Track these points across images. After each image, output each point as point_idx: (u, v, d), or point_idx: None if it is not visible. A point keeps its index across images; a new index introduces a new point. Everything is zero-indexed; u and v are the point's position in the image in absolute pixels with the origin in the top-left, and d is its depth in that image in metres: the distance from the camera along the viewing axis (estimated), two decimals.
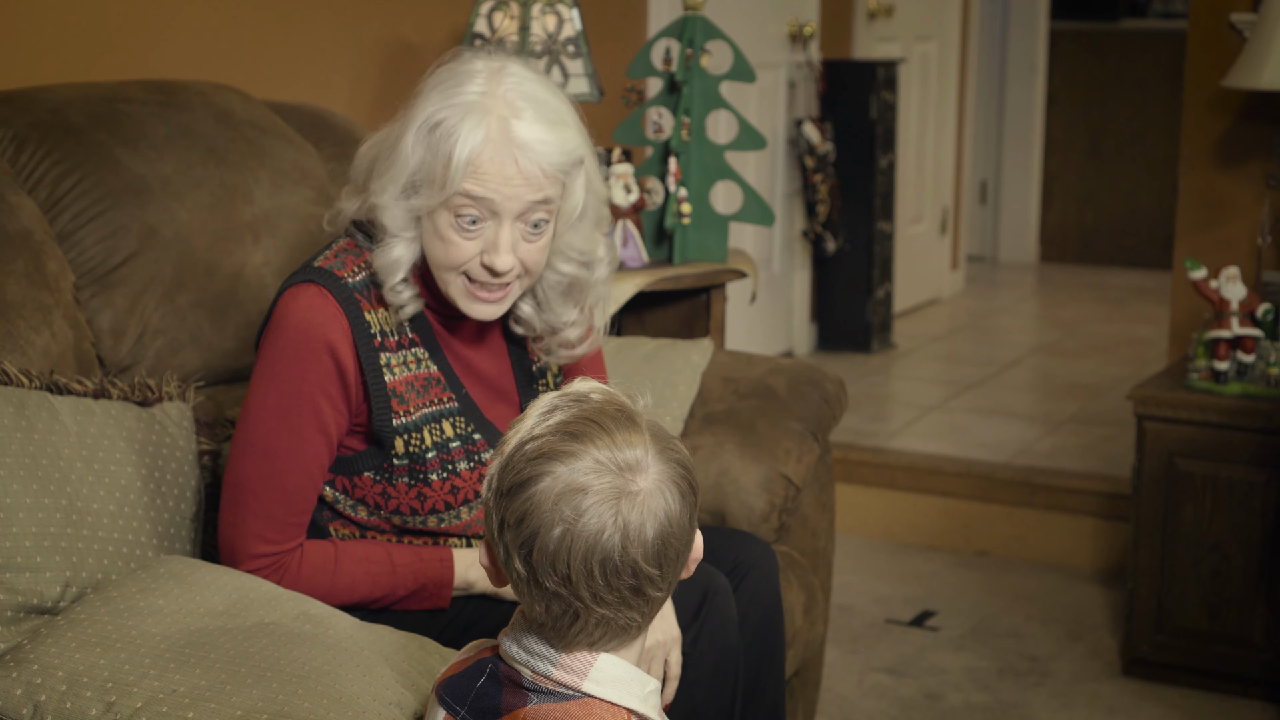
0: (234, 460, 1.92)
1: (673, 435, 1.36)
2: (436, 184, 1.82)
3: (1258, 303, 3.08)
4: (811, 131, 5.06)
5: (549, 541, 1.27)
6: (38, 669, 1.68)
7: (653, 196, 3.16)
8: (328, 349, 1.88)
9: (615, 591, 1.28)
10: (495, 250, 1.84)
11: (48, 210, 2.16)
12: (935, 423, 4.52)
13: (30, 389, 1.95)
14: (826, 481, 2.62)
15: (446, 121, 1.82)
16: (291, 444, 1.89)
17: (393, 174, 1.85)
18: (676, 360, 2.57)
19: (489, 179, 1.81)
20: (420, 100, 1.86)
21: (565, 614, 1.30)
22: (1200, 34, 3.51)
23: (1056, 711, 3.02)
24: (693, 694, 1.88)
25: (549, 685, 1.33)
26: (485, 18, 3.13)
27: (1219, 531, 3.07)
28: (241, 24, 3.00)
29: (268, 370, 1.89)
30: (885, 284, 5.43)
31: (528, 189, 1.82)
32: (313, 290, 1.89)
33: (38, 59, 2.60)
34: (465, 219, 1.83)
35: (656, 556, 1.29)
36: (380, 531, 1.99)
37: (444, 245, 1.85)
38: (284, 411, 1.88)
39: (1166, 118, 6.73)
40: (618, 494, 1.28)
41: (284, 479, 1.90)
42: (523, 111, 1.82)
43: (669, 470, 1.31)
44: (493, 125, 1.81)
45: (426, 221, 1.86)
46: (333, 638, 1.74)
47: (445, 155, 1.81)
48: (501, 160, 1.81)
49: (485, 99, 1.82)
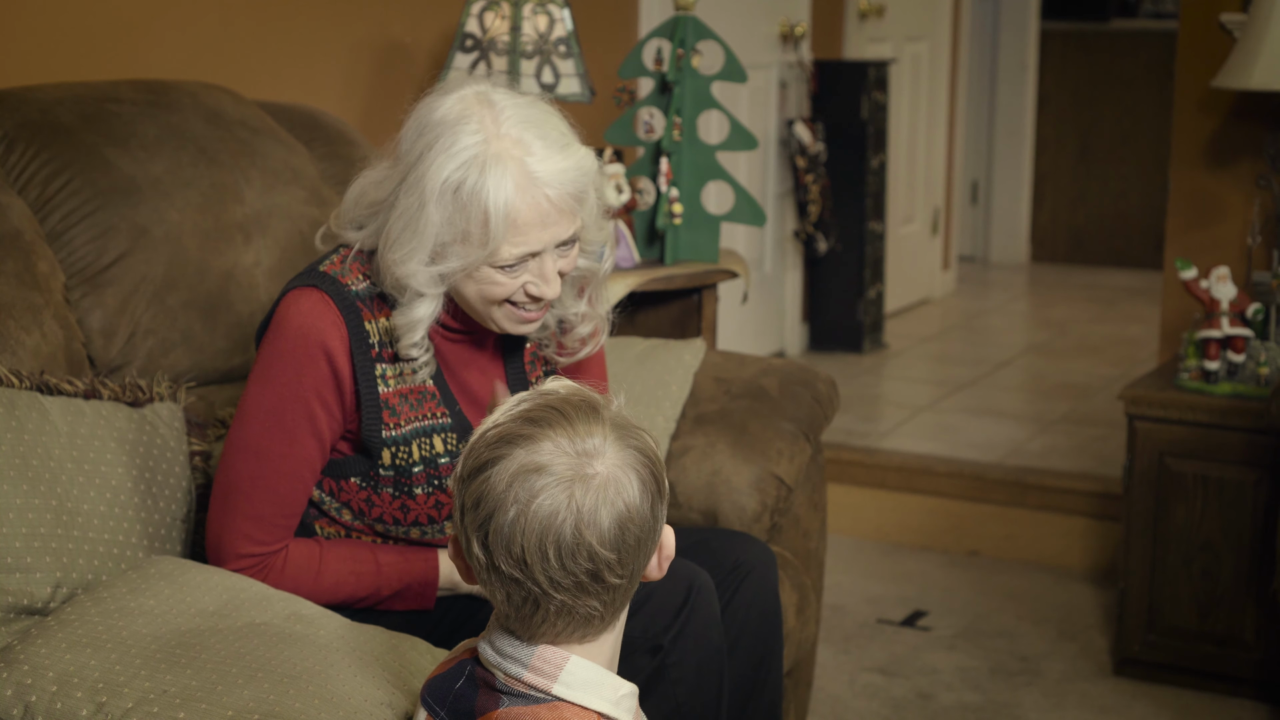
0: (226, 459, 1.92)
1: (640, 428, 1.35)
2: (474, 243, 1.80)
3: (1248, 302, 3.09)
4: (803, 132, 5.07)
5: (503, 523, 1.28)
6: (28, 669, 1.67)
7: (644, 197, 3.16)
8: (325, 354, 1.87)
9: (571, 575, 1.28)
10: (544, 282, 1.85)
11: (38, 210, 2.16)
12: (927, 423, 4.53)
13: (20, 389, 1.95)
14: (818, 482, 2.62)
15: (468, 180, 1.78)
16: (285, 446, 1.89)
17: (417, 243, 1.82)
18: (669, 360, 2.57)
19: (530, 229, 1.80)
20: (422, 164, 1.81)
21: (526, 602, 1.30)
22: (1190, 34, 3.52)
23: (1048, 711, 3.02)
24: (676, 692, 1.88)
25: (520, 688, 1.33)
26: (476, 18, 3.13)
27: (1210, 531, 3.07)
28: (232, 24, 2.99)
29: (265, 372, 1.90)
30: (877, 284, 5.43)
31: (561, 224, 1.83)
32: (315, 295, 1.88)
33: (27, 59, 2.60)
34: (506, 266, 1.82)
35: (614, 542, 1.29)
36: (362, 534, 1.99)
37: (486, 288, 1.84)
38: (279, 413, 1.88)
39: (1157, 118, 6.74)
40: (573, 477, 1.28)
41: (275, 481, 1.90)
42: (531, 145, 1.80)
43: (628, 456, 1.32)
44: (514, 171, 1.78)
45: (461, 273, 1.84)
46: (324, 638, 1.74)
47: (480, 215, 1.79)
48: (534, 202, 1.80)
49: (491, 143, 1.79)
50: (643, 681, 1.87)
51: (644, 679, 1.87)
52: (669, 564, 1.38)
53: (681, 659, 1.88)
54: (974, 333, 5.86)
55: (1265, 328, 3.11)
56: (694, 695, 1.89)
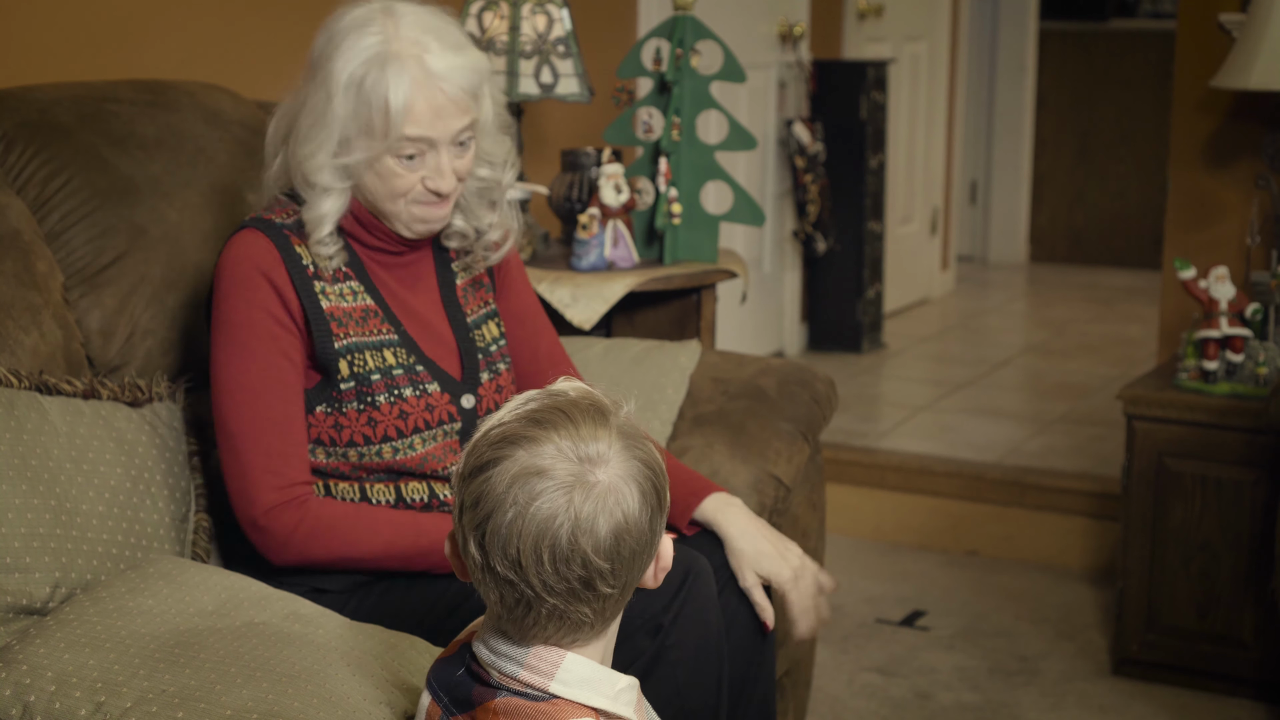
0: (215, 413, 1.98)
1: (647, 438, 1.35)
2: (376, 134, 1.95)
3: (1246, 302, 3.09)
4: (802, 132, 5.07)
5: (501, 524, 1.28)
6: (27, 669, 1.67)
7: (643, 197, 3.16)
8: (264, 277, 1.98)
9: (564, 581, 1.28)
10: (439, 175, 1.99)
11: (36, 210, 2.16)
12: (925, 423, 4.53)
13: (19, 389, 1.95)
14: (817, 482, 2.62)
15: (369, 75, 1.94)
16: (261, 373, 1.96)
17: (324, 135, 1.97)
18: (664, 362, 2.57)
19: (424, 118, 1.95)
20: (327, 62, 1.97)
21: (519, 604, 1.30)
22: (1189, 34, 3.52)
23: (1046, 711, 3.02)
24: (676, 674, 1.88)
25: (516, 686, 1.33)
26: (475, 18, 3.13)
27: (1208, 531, 3.07)
28: (231, 24, 2.99)
29: (219, 317, 1.99)
30: (875, 284, 5.44)
31: (457, 116, 1.97)
32: (243, 234, 2.01)
33: (26, 58, 2.60)
34: (405, 156, 1.97)
35: (609, 551, 1.28)
36: (340, 476, 2.02)
37: (388, 180, 1.98)
38: (242, 344, 1.96)
39: (1156, 118, 6.74)
40: (574, 483, 1.28)
41: (266, 409, 1.96)
42: (428, 45, 1.96)
43: (632, 468, 1.31)
44: (411, 67, 1.94)
45: (363, 167, 1.98)
46: (323, 637, 1.74)
47: (381, 107, 1.94)
48: (430, 96, 1.95)
49: (390, 44, 1.95)
50: (644, 664, 1.88)
51: (645, 661, 1.88)
52: (664, 575, 1.38)
53: (681, 640, 1.89)
54: (973, 333, 5.87)
55: (1264, 328, 3.11)
56: (694, 676, 1.90)
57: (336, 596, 2.00)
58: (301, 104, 2.00)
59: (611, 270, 3.06)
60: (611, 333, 3.26)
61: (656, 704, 1.88)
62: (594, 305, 2.96)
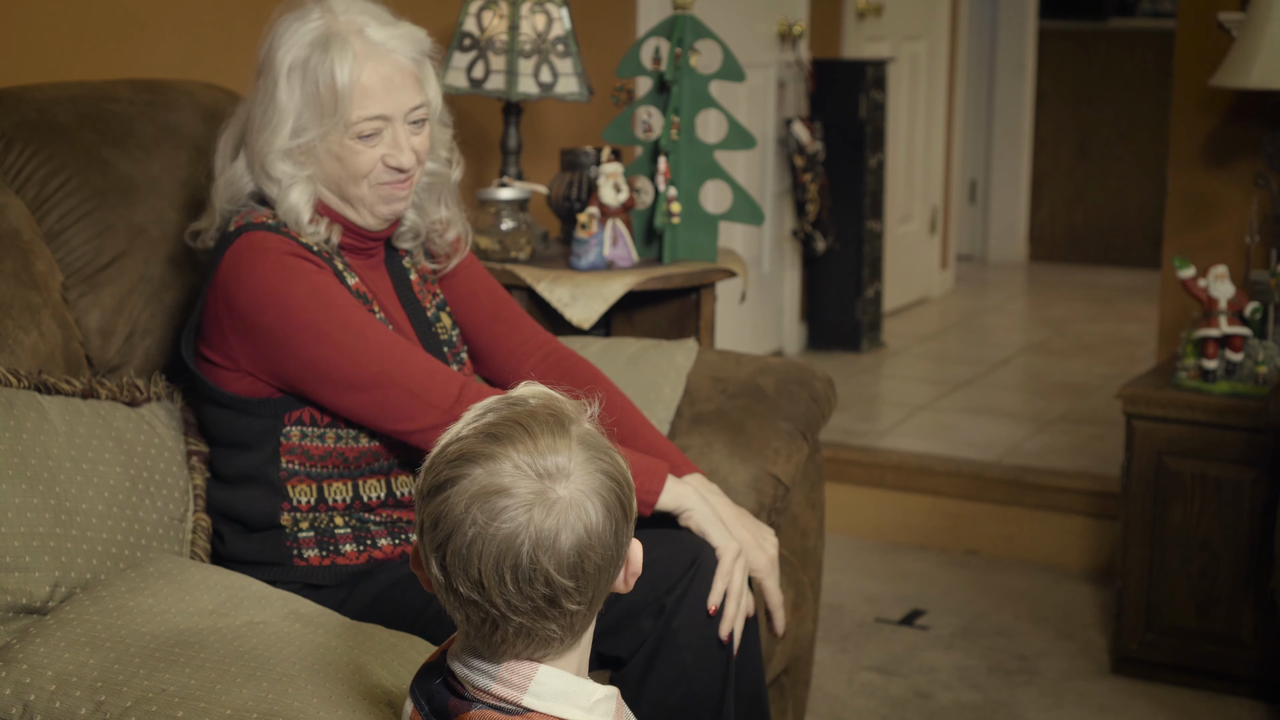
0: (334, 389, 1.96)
1: (610, 447, 1.31)
2: (326, 111, 1.98)
3: (1246, 301, 3.09)
4: (801, 131, 5.07)
5: (461, 545, 1.24)
6: (27, 669, 1.67)
7: (642, 196, 3.16)
8: (300, 258, 1.99)
9: (529, 600, 1.25)
10: (398, 149, 2.01)
11: (35, 209, 2.16)
12: (925, 422, 4.53)
13: (18, 389, 1.95)
14: (816, 481, 2.62)
15: (312, 57, 1.98)
16: (363, 317, 1.98)
17: (276, 121, 2.00)
18: (661, 362, 2.57)
19: (376, 93, 1.98)
20: (270, 55, 2.01)
21: (485, 622, 1.27)
22: (1188, 33, 3.52)
23: (1046, 710, 3.02)
24: (682, 657, 1.88)
25: (490, 700, 1.30)
26: (474, 17, 3.13)
27: (1208, 530, 3.07)
28: (230, 23, 2.99)
29: (282, 308, 1.96)
30: (875, 283, 5.44)
31: (408, 89, 2.01)
32: (247, 237, 2.01)
33: (25, 58, 2.60)
34: (362, 135, 1.99)
35: (572, 569, 1.25)
36: (340, 473, 2.01)
37: (348, 161, 2.00)
38: (324, 306, 1.97)
39: (1155, 117, 6.74)
40: (534, 500, 1.24)
41: (391, 339, 1.98)
42: (366, 23, 2.01)
43: (594, 481, 1.26)
44: (354, 42, 1.98)
45: (323, 152, 2.00)
46: (322, 637, 1.74)
47: (328, 85, 1.97)
48: (377, 67, 1.98)
49: (330, 25, 1.99)
50: (649, 646, 1.89)
51: (650, 644, 1.89)
52: (635, 580, 1.34)
53: (685, 624, 1.89)
54: (972, 332, 5.87)
55: (1263, 326, 3.11)
56: (700, 660, 1.90)
57: (331, 592, 2.01)
58: (252, 102, 2.04)
59: (610, 269, 3.06)
60: (611, 332, 3.26)
61: (661, 687, 1.89)
62: (593, 304, 2.95)
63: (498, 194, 3.07)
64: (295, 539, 2.02)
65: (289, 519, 2.02)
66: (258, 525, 2.04)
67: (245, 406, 2.03)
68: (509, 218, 3.08)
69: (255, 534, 2.04)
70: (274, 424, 2.02)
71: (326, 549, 2.02)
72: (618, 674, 1.92)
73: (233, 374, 2.02)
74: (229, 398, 2.03)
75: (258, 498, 2.03)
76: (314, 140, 2.00)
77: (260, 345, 1.98)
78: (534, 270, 3.02)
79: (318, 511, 2.02)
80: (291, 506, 2.02)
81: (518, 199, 3.09)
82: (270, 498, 2.02)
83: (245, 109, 2.06)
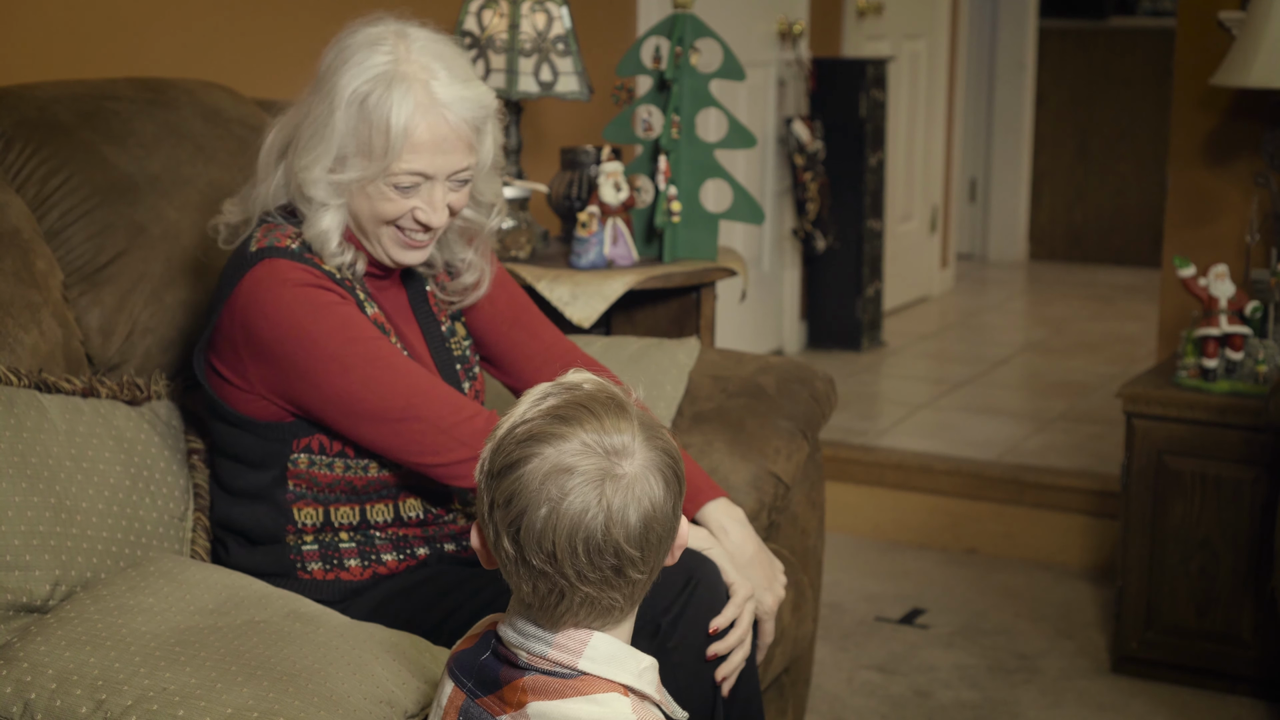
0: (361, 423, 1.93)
1: (662, 425, 1.39)
2: (375, 155, 1.92)
3: (1246, 300, 3.09)
4: (801, 130, 5.07)
5: (535, 520, 1.31)
6: (27, 667, 1.67)
7: (642, 195, 3.16)
8: (321, 289, 1.95)
9: (598, 570, 1.32)
10: (431, 209, 1.96)
11: (36, 208, 2.16)
12: (925, 421, 4.53)
13: (19, 387, 1.95)
14: (816, 480, 2.62)
15: (374, 94, 1.91)
16: (389, 350, 1.94)
17: (322, 149, 1.94)
18: (663, 360, 2.57)
19: (425, 149, 1.93)
20: (334, 76, 1.95)
21: (552, 592, 1.33)
22: (1188, 32, 3.52)
23: (1046, 709, 3.02)
24: (677, 675, 1.88)
25: (545, 665, 1.36)
26: (475, 15, 3.13)
27: (1207, 529, 3.07)
28: (231, 22, 2.99)
29: (304, 342, 1.92)
30: (875, 282, 5.44)
31: (458, 152, 1.95)
32: (267, 264, 1.95)
33: (25, 56, 2.60)
34: (400, 186, 1.94)
35: (639, 539, 1.33)
36: (348, 498, 2.00)
37: (378, 203, 1.95)
38: (351, 340, 1.93)
39: (1155, 116, 6.74)
40: (603, 476, 1.32)
41: (414, 370, 1.95)
42: (437, 72, 1.93)
43: (655, 457, 1.35)
44: (417, 91, 1.91)
45: (357, 187, 1.95)
46: (323, 636, 1.74)
47: (382, 126, 1.91)
48: (433, 124, 1.92)
49: (400, 65, 1.92)
50: None
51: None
52: (680, 552, 1.41)
53: (681, 643, 1.90)
54: (972, 331, 5.87)
55: (1263, 325, 3.11)
56: (694, 681, 1.90)
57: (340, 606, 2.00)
58: (304, 115, 1.97)
59: (611, 268, 3.06)
60: (611, 331, 3.26)
61: None
62: (593, 303, 2.95)
63: None
64: (299, 552, 2.01)
65: (294, 537, 2.01)
66: (262, 540, 2.03)
67: (254, 428, 1.99)
68: (509, 217, 3.08)
69: (259, 546, 2.03)
70: (283, 448, 1.99)
71: (331, 563, 2.01)
72: None
73: (245, 395, 1.98)
74: (238, 417, 2.00)
75: (262, 515, 2.01)
76: (352, 180, 1.95)
77: (283, 375, 1.94)
78: (534, 269, 3.02)
79: (323, 532, 2.01)
80: (297, 528, 2.00)
81: (518, 198, 3.09)
82: (275, 517, 2.00)
83: (295, 119, 2.00)
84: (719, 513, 2.08)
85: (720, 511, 2.09)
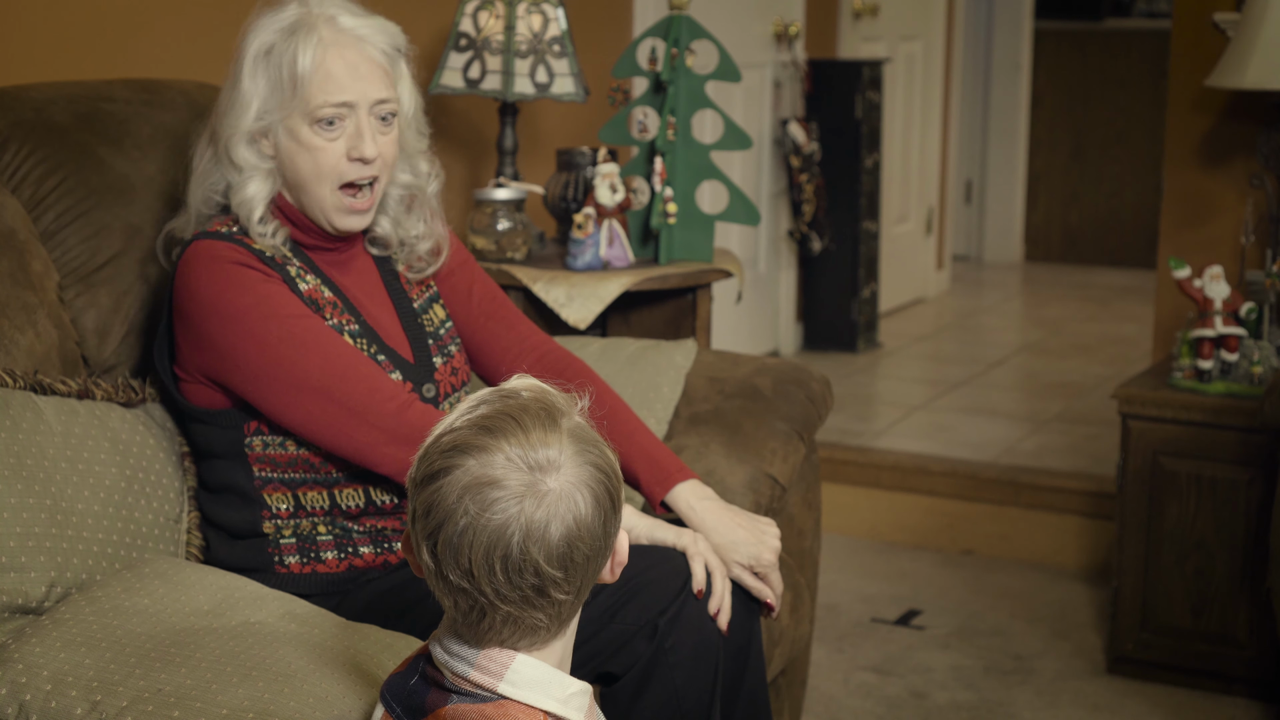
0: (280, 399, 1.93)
1: (600, 440, 1.34)
2: (288, 95, 1.95)
3: (1241, 301, 3.09)
4: (797, 131, 5.07)
5: (452, 534, 1.27)
6: (22, 668, 1.67)
7: (638, 196, 3.17)
8: (247, 268, 1.97)
9: (518, 589, 1.27)
10: (361, 138, 1.97)
11: (31, 209, 2.16)
12: (921, 422, 4.53)
13: (14, 389, 1.95)
14: (812, 481, 2.62)
15: (278, 44, 1.96)
16: (306, 328, 1.94)
17: (240, 108, 1.97)
18: (660, 361, 2.57)
19: (340, 78, 1.95)
20: (242, 45, 1.99)
21: (473, 609, 1.29)
22: (1184, 33, 3.52)
23: (1041, 709, 3.02)
24: (674, 676, 1.89)
25: (467, 686, 1.32)
26: (470, 17, 3.13)
27: (1203, 530, 3.07)
28: (227, 23, 2.99)
29: (225, 315, 1.94)
30: (871, 283, 5.44)
31: (375, 80, 1.97)
32: (198, 244, 1.99)
33: (20, 57, 2.59)
34: (324, 122, 1.96)
35: (561, 559, 1.28)
36: (313, 481, 1.99)
37: (310, 153, 1.97)
38: (267, 316, 1.94)
39: (1150, 117, 6.75)
40: (524, 492, 1.27)
41: (335, 348, 1.94)
42: (339, 15, 1.98)
43: (584, 473, 1.30)
44: (321, 28, 1.96)
45: (286, 141, 1.97)
46: (318, 637, 1.74)
47: (290, 70, 1.95)
48: (343, 51, 1.96)
49: (304, 17, 1.97)
50: (641, 666, 1.89)
51: (642, 664, 1.89)
52: (621, 569, 1.37)
53: (678, 644, 1.90)
54: (968, 332, 5.87)
55: (1259, 326, 3.12)
56: (690, 680, 1.90)
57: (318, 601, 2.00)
58: (222, 92, 2.03)
59: (607, 270, 3.06)
60: (607, 332, 3.26)
61: (653, 707, 1.89)
62: (589, 305, 2.96)
63: (494, 194, 3.07)
64: (277, 545, 2.02)
65: (271, 526, 2.02)
66: (241, 533, 2.04)
67: (210, 418, 2.02)
68: (505, 218, 3.08)
69: (239, 541, 2.04)
70: (237, 434, 2.01)
71: (307, 555, 2.02)
72: (610, 690, 1.92)
73: (193, 385, 2.02)
74: (194, 410, 2.03)
75: (237, 506, 2.03)
76: (275, 123, 1.97)
77: (208, 354, 1.97)
78: (530, 270, 3.02)
79: (298, 518, 2.01)
80: (272, 514, 2.02)
81: (514, 199, 3.09)
82: (249, 506, 2.02)
83: (215, 107, 2.05)
84: (687, 493, 2.08)
85: (689, 491, 2.08)
